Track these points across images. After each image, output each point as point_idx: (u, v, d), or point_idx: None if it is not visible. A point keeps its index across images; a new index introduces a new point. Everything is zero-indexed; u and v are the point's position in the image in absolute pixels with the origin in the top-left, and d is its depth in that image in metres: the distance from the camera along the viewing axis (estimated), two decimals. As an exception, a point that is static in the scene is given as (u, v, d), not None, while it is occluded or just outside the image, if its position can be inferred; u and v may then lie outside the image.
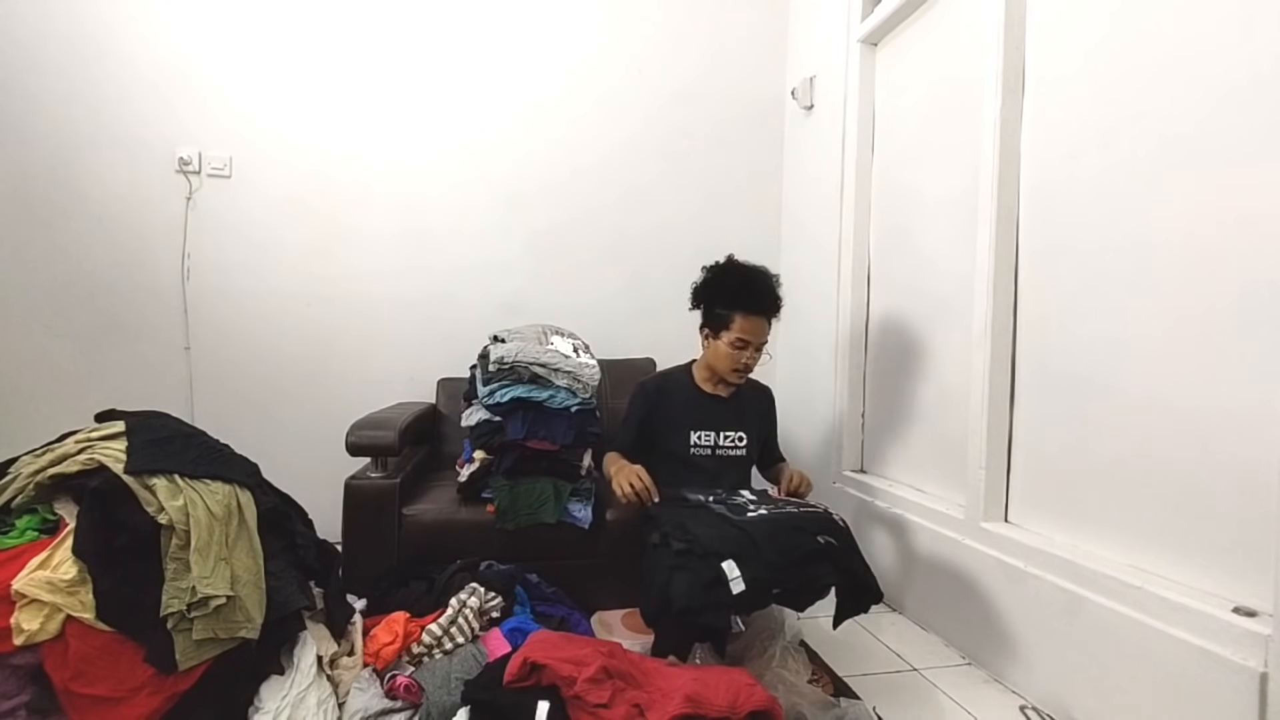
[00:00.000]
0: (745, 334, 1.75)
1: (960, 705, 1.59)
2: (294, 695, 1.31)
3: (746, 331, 1.75)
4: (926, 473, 2.16)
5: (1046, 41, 1.70)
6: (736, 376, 1.80)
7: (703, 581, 1.38)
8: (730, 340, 1.76)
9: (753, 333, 1.75)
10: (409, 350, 2.69)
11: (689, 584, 1.39)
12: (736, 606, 1.42)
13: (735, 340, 1.76)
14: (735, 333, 1.75)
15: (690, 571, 1.40)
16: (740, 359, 1.76)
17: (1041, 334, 1.70)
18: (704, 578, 1.38)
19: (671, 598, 1.40)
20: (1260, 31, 1.22)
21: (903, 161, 2.32)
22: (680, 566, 1.42)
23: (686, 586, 1.39)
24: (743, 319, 1.75)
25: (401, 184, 2.69)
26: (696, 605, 1.37)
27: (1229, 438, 1.26)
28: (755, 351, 1.78)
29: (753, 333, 1.75)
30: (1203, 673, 1.22)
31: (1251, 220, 1.23)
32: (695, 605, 1.37)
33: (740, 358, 1.76)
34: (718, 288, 1.80)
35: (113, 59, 2.44)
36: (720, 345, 1.78)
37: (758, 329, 1.76)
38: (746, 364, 1.78)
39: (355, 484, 1.84)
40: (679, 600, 1.38)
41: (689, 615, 1.38)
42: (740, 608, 1.46)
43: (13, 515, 1.27)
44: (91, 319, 2.46)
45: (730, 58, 2.97)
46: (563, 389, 1.97)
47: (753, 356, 1.78)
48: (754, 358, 1.78)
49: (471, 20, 2.73)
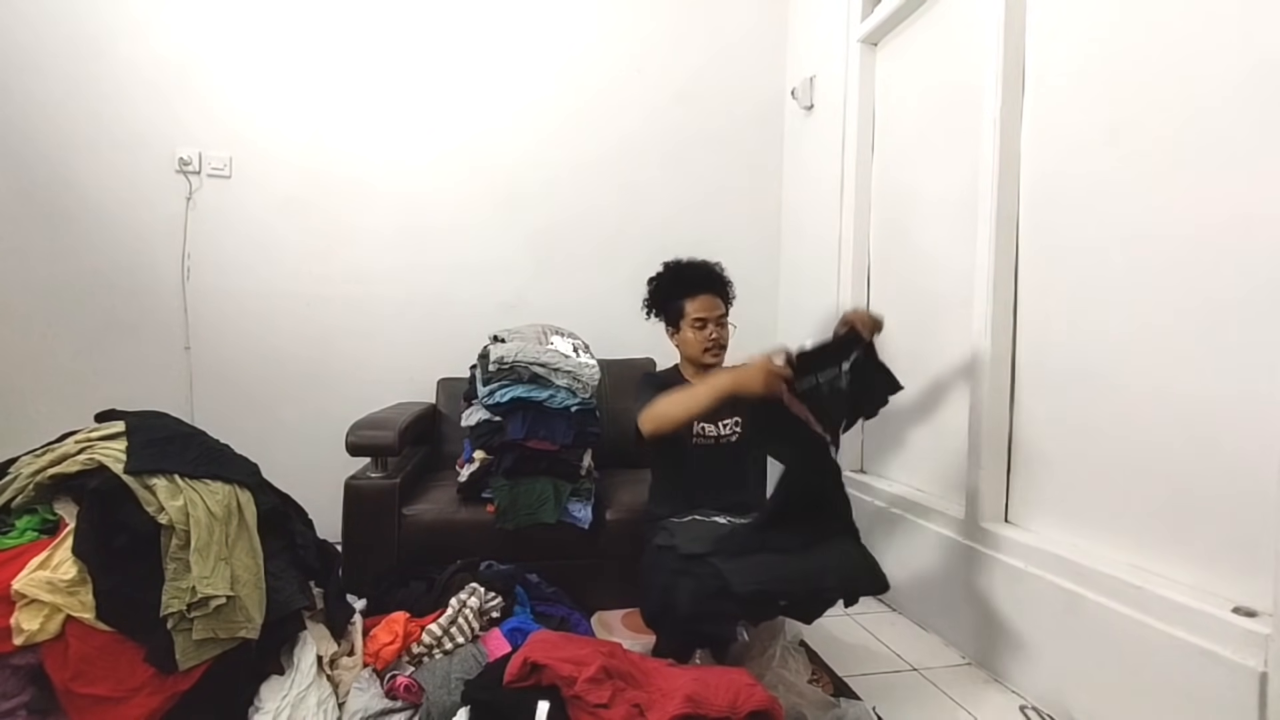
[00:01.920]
0: (699, 312, 1.77)
1: (960, 705, 1.59)
2: (294, 695, 1.31)
3: (699, 309, 1.77)
4: (926, 473, 2.15)
5: (1046, 41, 1.70)
6: (711, 356, 1.79)
7: (707, 590, 1.37)
8: (690, 323, 1.78)
9: (706, 309, 1.77)
10: (409, 350, 2.69)
11: (693, 592, 1.38)
12: (743, 615, 1.42)
13: (694, 321, 1.77)
14: (691, 314, 1.77)
15: (694, 578, 1.39)
16: (708, 336, 1.77)
17: (1041, 333, 1.70)
18: (709, 586, 1.37)
19: (675, 604, 1.39)
20: (1260, 31, 1.22)
21: (903, 161, 2.32)
22: (684, 572, 1.41)
23: (690, 594, 1.38)
24: (690, 301, 1.77)
25: (401, 184, 2.69)
26: (700, 613, 1.37)
27: (1229, 438, 1.26)
28: (718, 326, 1.79)
29: (706, 309, 1.77)
30: (1203, 673, 1.22)
31: (1252, 219, 1.23)
32: (699, 613, 1.37)
33: (707, 335, 1.77)
34: (659, 287, 1.85)
35: (113, 59, 2.44)
36: (685, 334, 1.80)
37: (708, 304, 1.78)
38: (715, 339, 1.78)
39: (355, 484, 1.85)
40: (683, 608, 1.38)
41: (692, 623, 1.38)
42: (747, 616, 1.46)
43: (13, 515, 1.27)
44: (92, 319, 2.46)
45: (730, 57, 2.96)
46: (563, 389, 1.97)
47: (718, 331, 1.79)
48: (720, 332, 1.79)
49: (471, 19, 2.73)
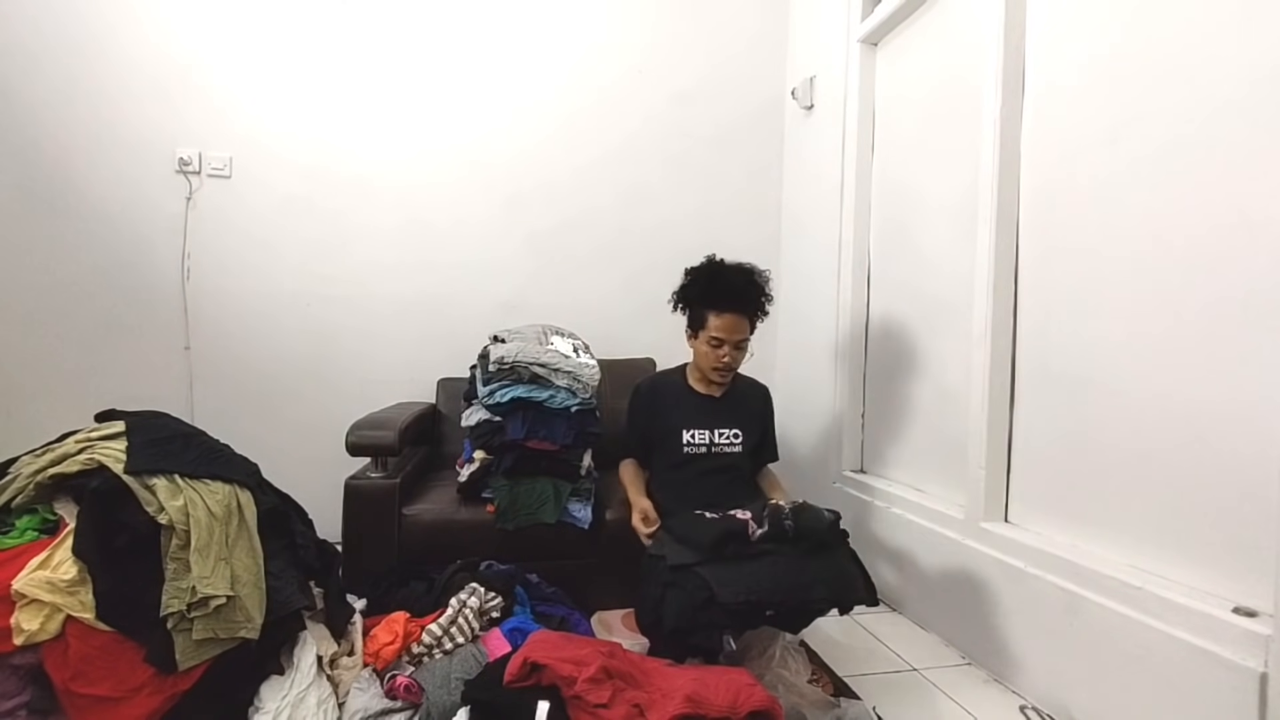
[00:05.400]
0: (719, 332, 1.72)
1: (960, 705, 1.59)
2: (294, 695, 1.31)
3: (720, 329, 1.71)
4: (926, 473, 2.15)
5: (1046, 42, 1.70)
6: (718, 375, 1.77)
7: (694, 602, 1.38)
8: (707, 339, 1.74)
9: (727, 330, 1.71)
10: (409, 350, 2.69)
11: (680, 604, 1.39)
12: (730, 625, 1.43)
13: (710, 339, 1.73)
14: (710, 330, 1.73)
15: (682, 590, 1.41)
16: (720, 357, 1.73)
17: (1041, 334, 1.70)
18: (696, 598, 1.38)
19: (663, 616, 1.41)
20: (1260, 34, 1.22)
21: (903, 161, 2.32)
22: (673, 584, 1.43)
23: (678, 607, 1.39)
24: (715, 317, 1.72)
25: (402, 184, 2.69)
26: (686, 625, 1.38)
27: (1229, 438, 1.26)
28: (734, 350, 1.74)
29: (727, 330, 1.71)
30: (1203, 673, 1.22)
31: (1252, 222, 1.23)
32: (685, 625, 1.38)
33: (720, 356, 1.73)
34: (693, 287, 1.79)
35: (114, 59, 2.44)
36: (699, 344, 1.76)
37: (732, 326, 1.71)
38: (726, 362, 1.74)
39: (355, 484, 1.84)
40: (670, 620, 1.39)
41: (679, 635, 1.40)
42: (733, 626, 1.46)
43: (13, 515, 1.27)
44: (92, 319, 2.46)
45: (730, 57, 2.96)
46: (563, 389, 1.97)
47: (731, 354, 1.74)
48: (733, 355, 1.74)
49: (472, 19, 2.73)
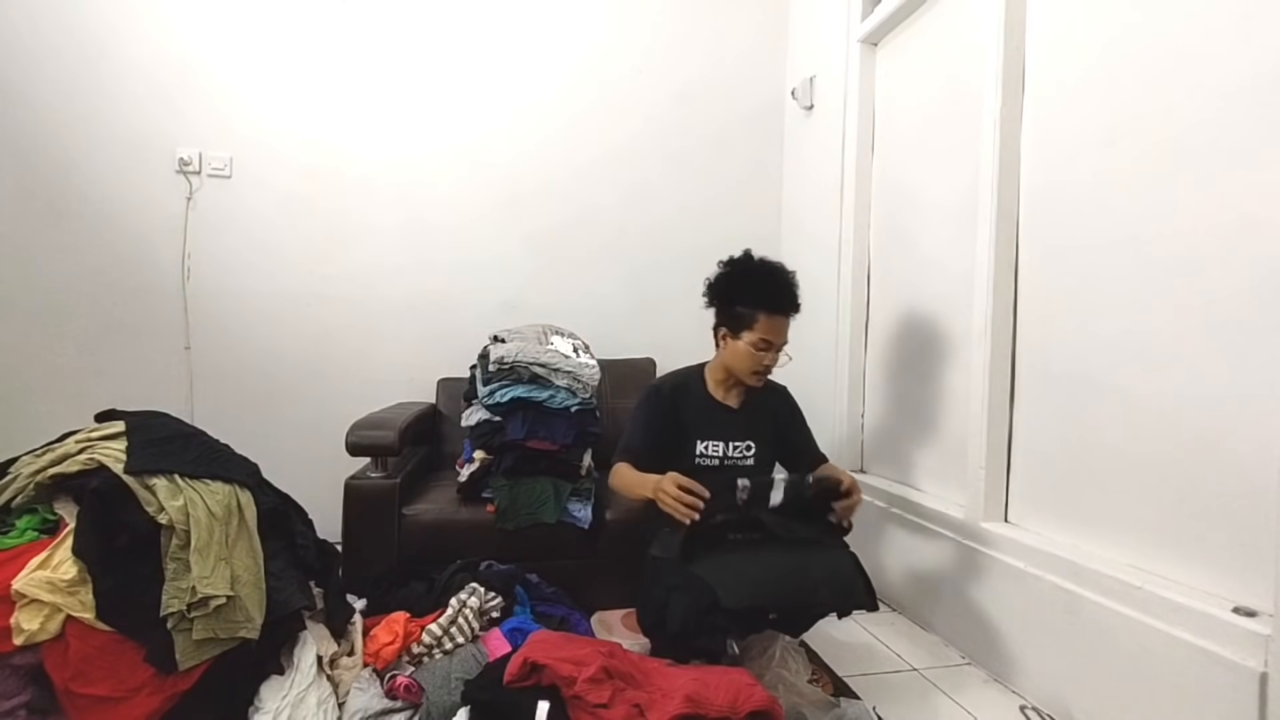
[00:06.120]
0: (769, 334, 1.63)
1: (960, 705, 1.59)
2: (294, 695, 1.31)
3: (770, 332, 1.64)
4: (926, 473, 2.15)
5: (1047, 42, 1.70)
6: (756, 379, 1.68)
7: (699, 606, 1.38)
8: (753, 341, 1.64)
9: (776, 333, 1.64)
10: (409, 350, 2.68)
11: (685, 608, 1.39)
12: (733, 629, 1.43)
13: (758, 341, 1.64)
14: (758, 333, 1.63)
15: (686, 594, 1.40)
16: (762, 360, 1.66)
17: (1041, 334, 1.70)
18: (700, 602, 1.38)
19: (668, 620, 1.40)
20: (1260, 33, 1.22)
21: (903, 161, 2.32)
22: (677, 588, 1.42)
23: (682, 611, 1.39)
24: (767, 319, 1.63)
25: (402, 184, 2.69)
26: (691, 629, 1.37)
27: (1229, 437, 1.26)
28: (776, 353, 1.67)
29: (776, 333, 1.64)
30: (1203, 673, 1.22)
31: (1252, 221, 1.23)
32: (690, 629, 1.37)
33: (762, 359, 1.65)
34: (739, 285, 1.68)
35: (114, 59, 2.44)
36: (740, 346, 1.66)
37: (781, 329, 1.65)
38: (767, 365, 1.67)
39: (355, 484, 1.84)
40: (674, 624, 1.39)
41: (684, 639, 1.39)
42: (736, 629, 1.46)
43: (13, 515, 1.27)
44: (92, 319, 2.46)
45: (730, 57, 2.96)
46: (563, 389, 1.97)
47: (773, 358, 1.67)
48: (775, 359, 1.68)
49: (472, 19, 2.72)
